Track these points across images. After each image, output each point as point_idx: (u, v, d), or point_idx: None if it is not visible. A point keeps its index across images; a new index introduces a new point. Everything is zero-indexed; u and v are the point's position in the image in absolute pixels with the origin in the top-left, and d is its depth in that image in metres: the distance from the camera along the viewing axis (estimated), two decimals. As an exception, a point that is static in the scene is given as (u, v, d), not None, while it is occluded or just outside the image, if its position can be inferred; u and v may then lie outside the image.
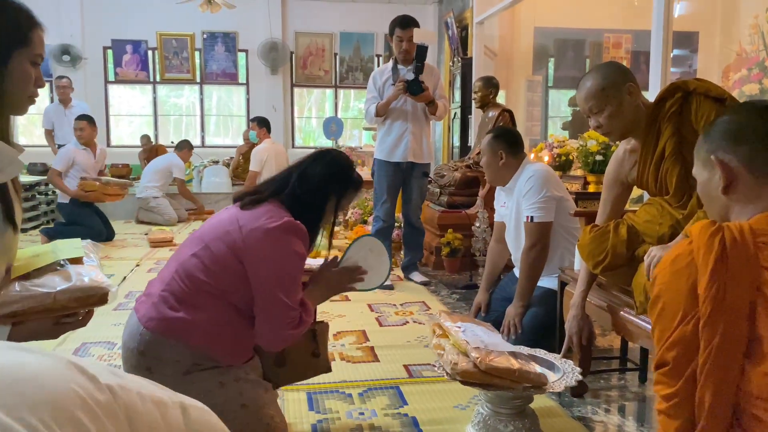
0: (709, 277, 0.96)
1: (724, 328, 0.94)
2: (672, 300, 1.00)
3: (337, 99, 9.67)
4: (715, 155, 1.13)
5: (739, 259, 0.97)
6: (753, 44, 4.44)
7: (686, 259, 1.01)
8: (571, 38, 7.22)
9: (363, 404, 2.23)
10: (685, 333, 0.98)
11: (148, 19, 8.81)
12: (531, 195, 2.65)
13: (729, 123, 1.15)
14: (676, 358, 0.99)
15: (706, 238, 1.00)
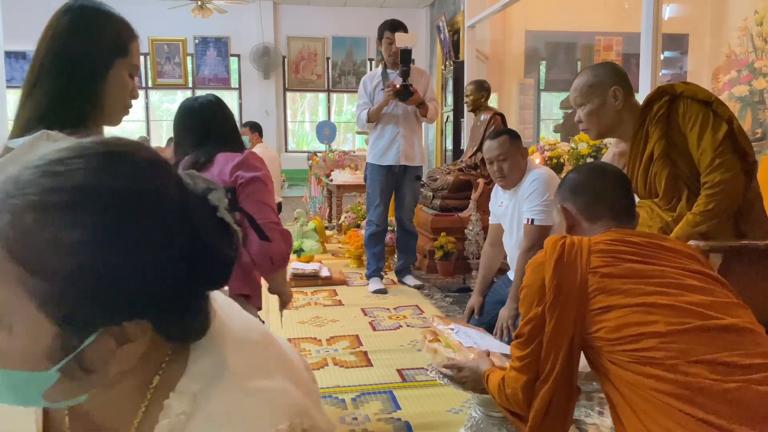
0: (552, 271, 1.27)
1: (561, 309, 1.26)
2: (530, 290, 1.33)
3: (329, 103, 9.68)
4: (561, 204, 1.48)
5: (573, 255, 1.29)
6: (742, 46, 4.47)
7: (540, 260, 1.33)
8: (563, 41, 7.25)
9: (356, 409, 2.23)
10: (536, 313, 1.30)
11: (139, 24, 8.56)
12: (534, 197, 2.64)
13: (573, 179, 1.49)
14: (531, 331, 1.31)
15: (551, 243, 1.33)
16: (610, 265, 1.28)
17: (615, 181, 1.46)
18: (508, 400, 1.40)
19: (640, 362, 1.17)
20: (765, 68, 4.21)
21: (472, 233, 3.95)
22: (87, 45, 1.20)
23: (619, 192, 1.44)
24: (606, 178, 1.46)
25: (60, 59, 1.19)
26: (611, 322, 1.22)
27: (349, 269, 4.70)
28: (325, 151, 7.32)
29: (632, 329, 1.19)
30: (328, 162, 6.75)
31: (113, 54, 1.23)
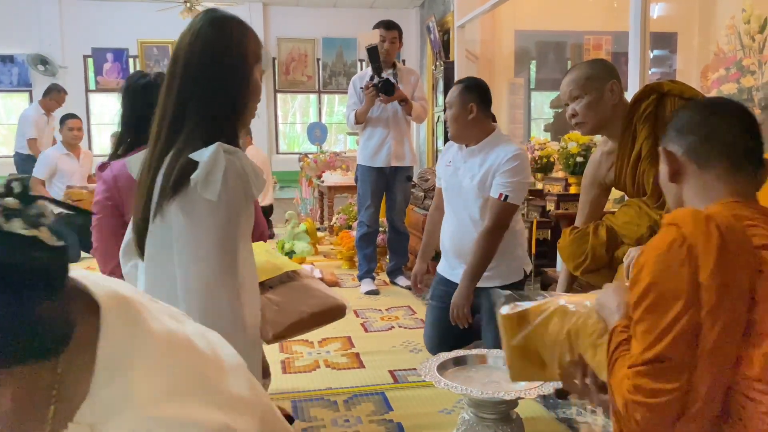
0: (713, 266, 0.93)
1: (727, 317, 0.92)
2: (670, 289, 0.96)
3: (320, 104, 9.66)
4: (664, 147, 1.22)
5: (736, 244, 0.96)
6: (730, 44, 4.49)
7: (683, 247, 0.96)
8: (552, 40, 7.27)
9: (348, 411, 2.22)
10: (691, 325, 0.93)
11: (128, 26, 8.75)
12: (512, 173, 2.41)
13: (678, 117, 1.22)
14: (683, 353, 0.93)
15: (702, 225, 0.97)
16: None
17: (735, 118, 1.16)
18: (632, 425, 0.99)
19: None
20: (753, 66, 4.23)
21: (464, 233, 3.95)
22: (235, 56, 1.28)
23: (740, 132, 1.14)
24: (723, 115, 1.17)
25: (212, 72, 1.25)
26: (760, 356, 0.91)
27: (340, 271, 4.69)
28: (316, 153, 7.31)
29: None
30: (319, 163, 6.74)
31: (253, 61, 1.31)
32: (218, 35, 1.27)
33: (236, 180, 1.18)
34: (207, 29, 1.27)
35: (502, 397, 1.74)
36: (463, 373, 1.96)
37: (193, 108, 1.24)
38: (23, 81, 8.45)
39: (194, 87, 1.25)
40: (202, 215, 1.17)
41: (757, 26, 4.23)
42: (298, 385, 2.47)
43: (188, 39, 1.28)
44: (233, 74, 1.27)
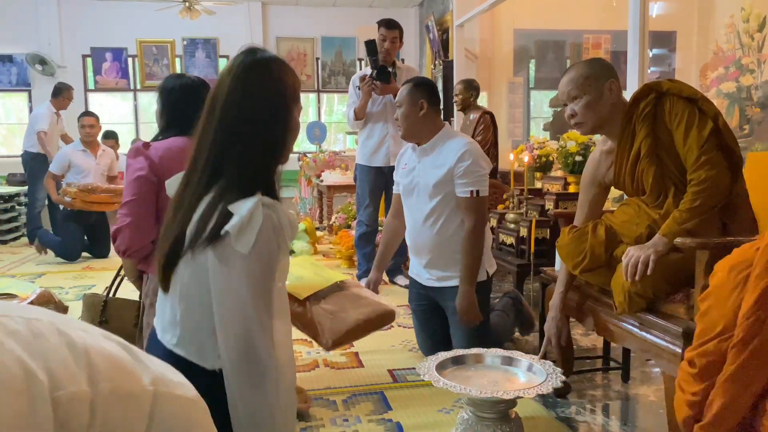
0: (753, 303, 0.91)
1: (748, 356, 0.92)
2: (717, 308, 1.00)
3: (320, 103, 9.66)
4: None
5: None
6: (729, 43, 4.49)
7: (743, 272, 0.96)
8: (551, 39, 7.27)
9: (347, 411, 2.22)
10: (718, 349, 0.97)
11: (127, 26, 8.74)
12: (474, 167, 2.42)
13: None
14: (705, 367, 1.00)
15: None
16: None
17: None
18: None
19: None
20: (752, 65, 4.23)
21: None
22: (275, 100, 1.29)
23: None
24: None
25: (252, 117, 1.27)
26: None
27: (340, 270, 4.69)
28: (315, 152, 7.31)
29: None
30: (318, 163, 6.74)
31: (292, 101, 1.33)
32: (258, 79, 1.28)
33: (271, 234, 1.20)
34: (246, 73, 1.28)
35: (500, 396, 1.74)
36: (461, 372, 1.96)
37: (232, 153, 1.25)
38: (22, 81, 8.44)
39: (233, 132, 1.26)
40: (237, 266, 1.20)
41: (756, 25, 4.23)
42: (298, 384, 2.47)
43: (227, 82, 1.28)
44: (273, 118, 1.29)
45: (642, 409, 2.30)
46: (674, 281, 1.80)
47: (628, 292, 1.82)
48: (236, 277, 1.20)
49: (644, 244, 1.81)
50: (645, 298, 1.81)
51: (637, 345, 1.88)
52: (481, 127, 4.58)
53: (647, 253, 1.76)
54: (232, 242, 1.18)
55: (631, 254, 1.80)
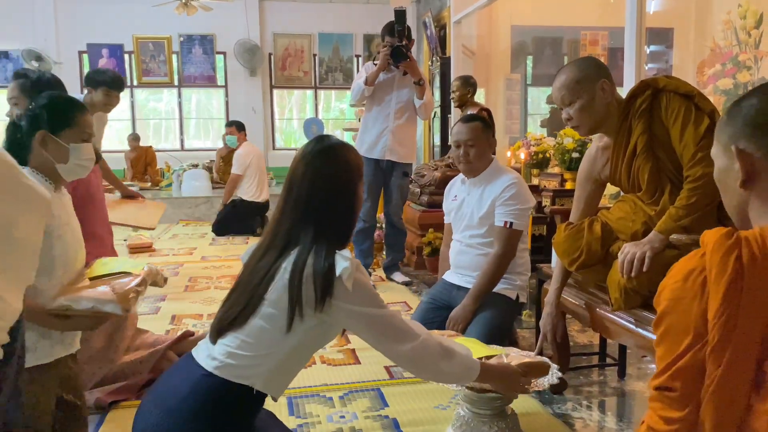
0: (720, 302, 0.88)
1: (730, 357, 0.88)
2: (680, 321, 0.93)
3: (317, 100, 9.65)
4: (737, 145, 0.99)
5: (756, 281, 0.88)
6: (726, 40, 4.50)
7: (699, 278, 0.92)
8: (549, 36, 7.26)
9: (344, 407, 2.22)
10: (696, 360, 0.91)
11: (123, 22, 8.72)
12: (514, 200, 2.55)
13: (757, 109, 0.98)
14: (686, 385, 0.92)
15: (720, 255, 0.90)
16: None
17: None
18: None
19: None
20: (749, 61, 4.24)
21: (460, 229, 3.94)
22: (344, 183, 1.51)
23: None
24: None
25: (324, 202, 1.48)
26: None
27: (337, 267, 4.68)
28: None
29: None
30: (315, 159, 6.73)
31: (357, 179, 1.54)
32: (328, 167, 1.49)
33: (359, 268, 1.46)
34: (318, 161, 1.49)
35: (498, 393, 1.74)
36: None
37: (306, 232, 1.46)
38: (18, 77, 8.41)
39: (307, 215, 1.47)
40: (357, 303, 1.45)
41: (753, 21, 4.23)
42: (294, 381, 2.46)
43: (301, 169, 1.50)
44: (343, 200, 1.51)
45: (638, 405, 2.30)
46: (670, 278, 1.80)
47: (624, 288, 1.82)
48: (365, 311, 1.45)
49: (640, 241, 1.81)
50: (641, 295, 1.81)
51: (633, 341, 1.88)
52: (478, 123, 4.57)
53: (643, 250, 1.76)
54: (344, 282, 1.40)
55: (627, 251, 1.80)
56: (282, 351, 1.46)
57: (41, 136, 1.73)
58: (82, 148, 1.77)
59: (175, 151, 9.16)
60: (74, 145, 1.75)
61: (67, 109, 1.78)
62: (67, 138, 1.75)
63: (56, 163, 1.75)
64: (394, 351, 1.49)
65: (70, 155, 1.75)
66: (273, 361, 1.46)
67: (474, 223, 2.63)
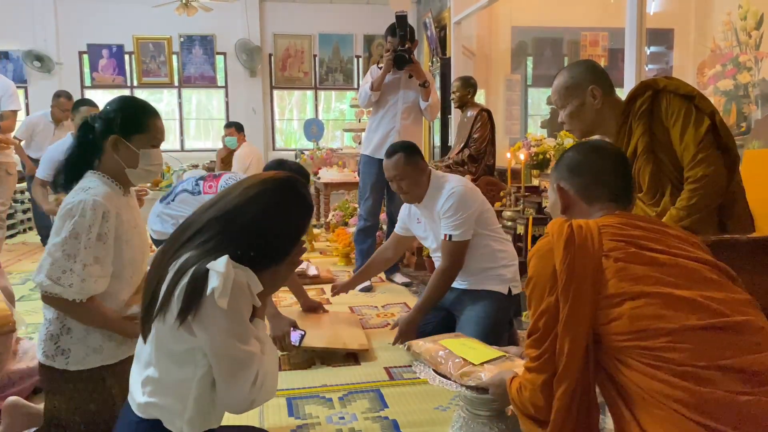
0: (562, 253, 1.20)
1: (575, 290, 1.18)
2: (539, 279, 1.24)
3: (317, 101, 9.64)
4: (558, 183, 1.40)
5: (584, 236, 1.22)
6: (726, 40, 4.49)
7: (546, 247, 1.25)
8: (549, 37, 7.26)
9: (343, 408, 2.22)
10: (549, 303, 1.21)
11: (124, 22, 8.71)
12: (451, 212, 2.58)
13: (571, 158, 1.41)
14: (545, 324, 1.22)
15: (557, 226, 1.26)
16: (623, 250, 1.20)
17: (615, 161, 1.39)
18: (528, 404, 1.28)
19: (652, 365, 1.11)
20: (749, 62, 4.23)
21: (460, 230, 3.94)
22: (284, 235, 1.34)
23: (619, 173, 1.38)
24: (606, 158, 1.39)
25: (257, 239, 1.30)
26: (625, 312, 1.15)
27: (336, 267, 4.69)
28: (312, 149, 7.30)
29: (647, 322, 1.13)
30: (315, 160, 6.73)
31: (299, 239, 1.37)
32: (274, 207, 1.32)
33: (242, 289, 1.24)
34: (268, 196, 1.33)
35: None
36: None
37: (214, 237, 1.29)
38: (18, 77, 8.40)
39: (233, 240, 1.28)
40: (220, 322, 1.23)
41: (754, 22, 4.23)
42: (294, 382, 2.47)
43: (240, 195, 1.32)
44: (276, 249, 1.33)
45: (638, 406, 2.29)
46: (671, 279, 1.80)
47: (624, 289, 1.83)
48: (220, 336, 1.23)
49: None
50: (641, 296, 1.82)
51: (634, 343, 1.88)
52: (478, 124, 4.57)
53: (644, 251, 1.76)
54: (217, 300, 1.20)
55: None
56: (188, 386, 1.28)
57: (113, 141, 1.74)
58: (152, 154, 1.79)
59: (175, 151, 9.14)
60: (144, 150, 1.77)
61: (140, 114, 1.79)
62: (138, 143, 1.76)
63: (126, 167, 1.76)
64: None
65: (139, 160, 1.76)
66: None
67: (440, 240, 2.67)
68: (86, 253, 1.65)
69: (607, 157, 1.39)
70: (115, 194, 1.76)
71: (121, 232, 1.72)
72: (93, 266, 1.66)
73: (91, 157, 1.78)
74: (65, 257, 1.64)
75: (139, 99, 1.91)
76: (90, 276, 1.65)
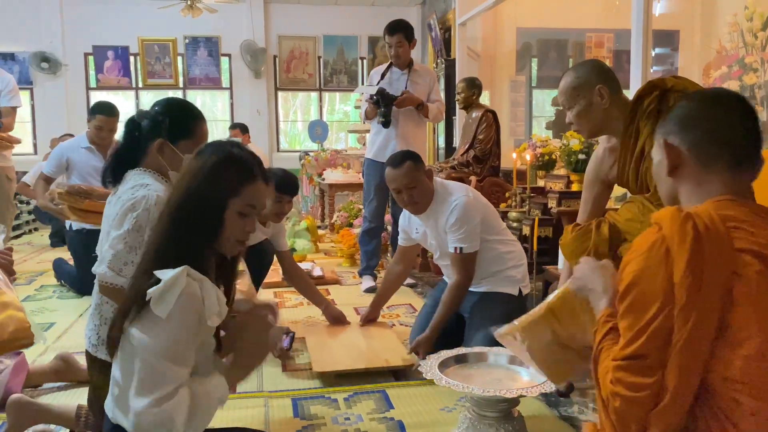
0: (685, 265, 0.96)
1: (697, 316, 0.95)
2: (647, 290, 1.00)
3: (321, 102, 9.64)
4: (665, 139, 1.17)
5: (713, 245, 0.98)
6: (732, 42, 4.47)
7: (660, 249, 1.00)
8: (554, 38, 7.25)
9: (349, 409, 2.21)
10: (665, 324, 0.97)
11: (129, 24, 8.74)
12: (458, 225, 2.53)
13: (682, 109, 1.17)
14: (658, 352, 0.98)
15: (678, 225, 1.00)
16: (756, 267, 0.97)
17: (737, 112, 1.13)
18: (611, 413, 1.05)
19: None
20: (755, 63, 4.22)
21: (465, 231, 3.93)
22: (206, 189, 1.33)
23: (742, 127, 1.12)
24: (729, 109, 1.14)
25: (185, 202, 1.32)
26: (749, 354, 0.93)
27: (341, 268, 4.68)
28: (317, 151, 7.30)
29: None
30: (320, 161, 6.73)
31: (227, 195, 1.34)
32: (196, 160, 1.36)
33: (190, 302, 1.22)
34: (191, 160, 1.37)
35: (503, 395, 1.73)
36: (464, 370, 1.95)
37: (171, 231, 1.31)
38: (24, 79, 8.43)
39: (173, 213, 1.31)
40: (153, 330, 1.22)
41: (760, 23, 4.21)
42: (299, 383, 2.46)
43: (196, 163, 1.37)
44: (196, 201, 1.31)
45: (645, 408, 2.28)
46: (678, 279, 1.78)
47: (631, 290, 1.81)
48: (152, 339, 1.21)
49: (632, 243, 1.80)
50: (649, 297, 1.80)
51: (641, 344, 1.86)
52: (483, 125, 4.57)
53: (651, 252, 1.75)
54: (152, 306, 1.20)
55: (635, 252, 1.79)
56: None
57: (160, 144, 1.75)
58: None
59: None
60: (189, 156, 1.76)
61: (188, 120, 1.79)
62: (184, 148, 1.76)
63: (169, 169, 1.77)
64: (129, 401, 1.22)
65: (183, 164, 1.74)
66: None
67: (444, 251, 2.66)
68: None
69: (730, 109, 1.13)
70: (168, 191, 1.76)
71: None
72: None
73: (137, 155, 1.79)
74: (127, 249, 1.66)
75: (187, 102, 1.90)
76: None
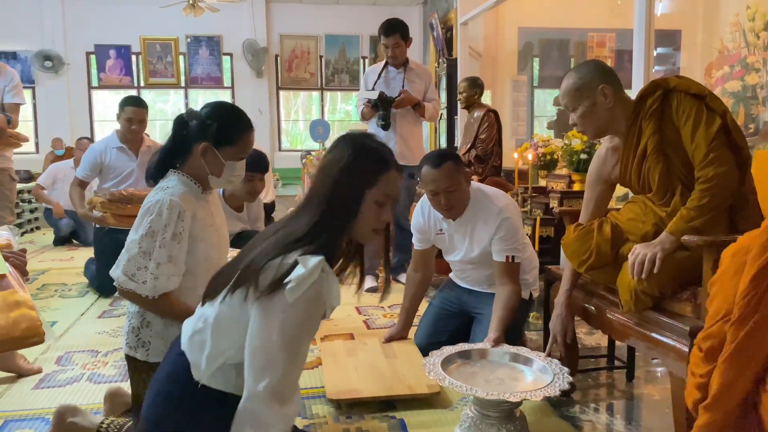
0: (748, 283, 0.96)
1: (747, 333, 0.96)
2: (721, 292, 1.05)
3: (323, 101, 9.65)
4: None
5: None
6: (734, 42, 4.47)
7: (744, 257, 1.01)
8: (556, 38, 7.25)
9: (351, 408, 2.21)
10: (722, 331, 1.02)
11: (131, 23, 8.75)
12: (510, 236, 2.45)
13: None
14: (710, 349, 1.05)
15: (764, 239, 0.98)
16: None
17: None
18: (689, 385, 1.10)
19: None
20: (757, 63, 4.21)
21: (467, 230, 3.93)
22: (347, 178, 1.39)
23: None
24: None
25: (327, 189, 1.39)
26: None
27: (343, 268, 4.67)
28: (318, 150, 7.30)
29: None
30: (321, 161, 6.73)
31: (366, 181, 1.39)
32: (335, 152, 1.41)
33: (318, 294, 1.29)
34: (332, 148, 1.43)
35: (507, 398, 1.73)
36: (467, 368, 1.95)
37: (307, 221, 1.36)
38: (26, 78, 8.44)
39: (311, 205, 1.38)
40: (276, 313, 1.27)
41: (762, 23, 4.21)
42: (300, 382, 2.46)
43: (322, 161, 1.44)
44: (340, 193, 1.37)
45: (646, 408, 2.29)
46: (681, 279, 1.79)
47: (634, 290, 1.81)
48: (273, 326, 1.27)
49: (651, 242, 1.80)
50: (651, 297, 1.80)
51: (643, 343, 1.86)
52: (485, 125, 4.56)
53: (654, 251, 1.75)
54: (287, 291, 1.25)
55: (638, 252, 1.78)
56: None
57: (204, 148, 1.76)
58: (237, 166, 1.81)
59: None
60: (231, 162, 1.78)
61: (236, 127, 1.80)
62: (227, 154, 1.77)
63: (209, 173, 1.78)
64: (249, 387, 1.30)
65: (224, 171, 1.78)
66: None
67: (473, 257, 2.56)
68: (160, 252, 1.69)
69: None
70: (193, 194, 1.78)
71: (197, 231, 1.75)
72: (166, 265, 1.70)
73: (181, 154, 1.80)
74: (141, 254, 1.69)
75: (236, 108, 1.87)
76: (162, 274, 1.70)
